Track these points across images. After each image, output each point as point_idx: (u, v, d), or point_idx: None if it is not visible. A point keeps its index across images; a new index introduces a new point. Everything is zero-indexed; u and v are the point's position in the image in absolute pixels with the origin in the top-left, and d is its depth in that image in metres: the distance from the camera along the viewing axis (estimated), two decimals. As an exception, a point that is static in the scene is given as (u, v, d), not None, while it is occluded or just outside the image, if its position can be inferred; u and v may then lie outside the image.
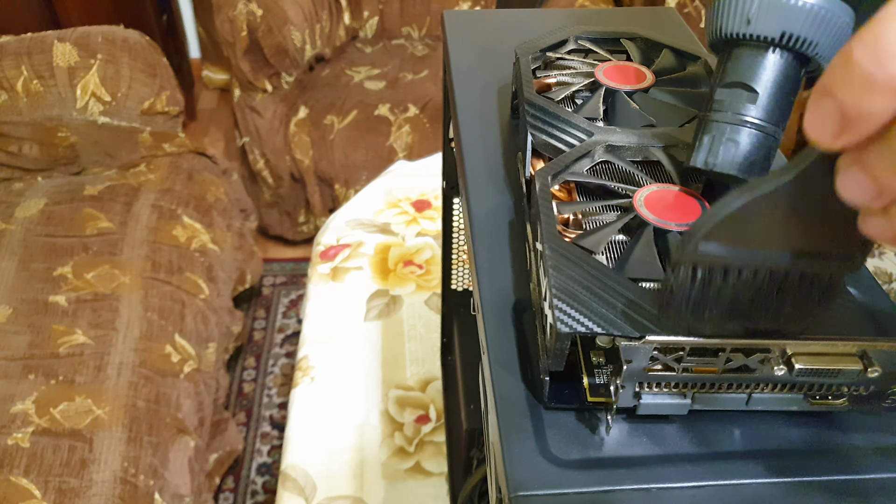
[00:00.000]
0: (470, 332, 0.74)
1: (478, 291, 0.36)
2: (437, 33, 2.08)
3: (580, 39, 0.47)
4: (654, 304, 0.28)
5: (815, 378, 0.29)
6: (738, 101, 0.32)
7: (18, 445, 1.04)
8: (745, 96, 0.31)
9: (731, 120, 0.32)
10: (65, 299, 1.24)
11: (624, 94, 0.41)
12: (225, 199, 1.60)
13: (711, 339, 0.28)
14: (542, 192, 0.34)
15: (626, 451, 0.29)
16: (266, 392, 1.67)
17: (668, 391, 0.29)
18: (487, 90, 0.50)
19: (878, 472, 0.29)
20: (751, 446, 0.29)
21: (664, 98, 0.41)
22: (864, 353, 0.28)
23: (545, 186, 0.35)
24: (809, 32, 0.30)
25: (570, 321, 0.28)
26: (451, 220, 0.71)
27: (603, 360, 0.32)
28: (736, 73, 0.32)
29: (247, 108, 1.82)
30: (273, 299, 1.88)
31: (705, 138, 0.32)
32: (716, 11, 0.31)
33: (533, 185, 0.35)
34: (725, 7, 0.31)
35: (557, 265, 0.30)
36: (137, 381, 1.14)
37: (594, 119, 0.40)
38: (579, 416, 0.30)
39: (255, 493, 1.48)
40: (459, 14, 0.59)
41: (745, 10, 0.30)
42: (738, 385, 0.29)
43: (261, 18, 1.71)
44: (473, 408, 0.65)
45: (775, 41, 0.31)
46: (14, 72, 1.45)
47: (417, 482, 0.80)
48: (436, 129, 1.76)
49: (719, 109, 0.32)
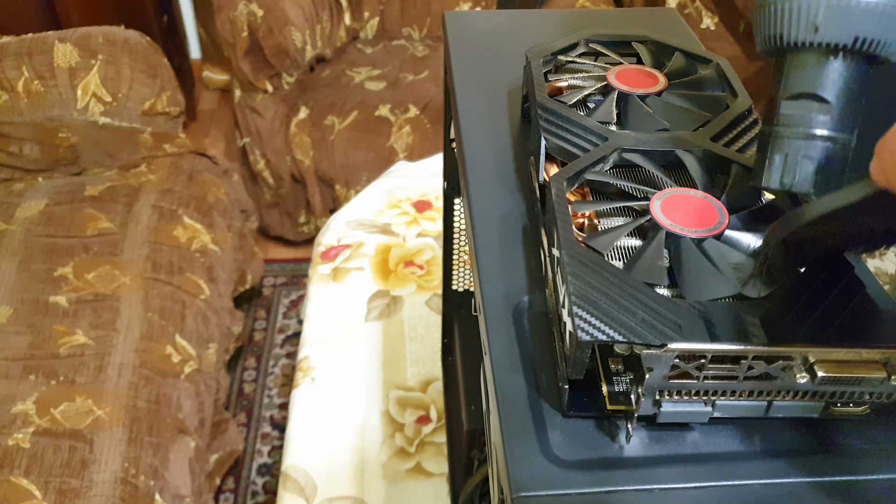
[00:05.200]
0: (471, 332, 0.74)
1: (479, 292, 0.36)
2: (437, 34, 2.08)
3: (591, 42, 0.47)
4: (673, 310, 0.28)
5: (838, 386, 0.28)
6: (809, 113, 0.29)
7: (19, 446, 1.04)
8: (815, 108, 0.29)
9: (803, 136, 0.29)
10: (65, 300, 1.24)
11: (637, 97, 0.41)
12: (225, 199, 1.60)
13: (732, 346, 0.27)
14: (558, 198, 0.34)
15: (627, 452, 0.29)
16: (266, 392, 1.67)
17: (689, 399, 0.29)
18: (489, 91, 0.50)
19: (879, 473, 0.29)
20: (752, 447, 0.29)
21: (677, 102, 0.41)
22: (888, 360, 0.28)
23: (561, 191, 0.34)
24: (882, 33, 0.28)
25: (590, 329, 0.28)
26: (452, 221, 0.71)
27: (622, 367, 0.31)
28: (803, 83, 0.29)
29: (247, 108, 1.82)
30: (274, 300, 1.88)
31: (776, 157, 0.30)
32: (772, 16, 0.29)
33: (548, 189, 0.35)
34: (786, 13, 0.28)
35: (576, 272, 0.30)
36: (138, 381, 1.14)
37: (607, 123, 0.40)
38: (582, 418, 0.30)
39: (255, 494, 1.48)
40: (460, 15, 0.59)
41: (812, 15, 0.28)
42: (759, 393, 0.29)
43: (261, 19, 1.71)
44: (474, 408, 0.65)
45: (847, 47, 0.28)
46: (15, 72, 1.45)
47: (418, 483, 0.80)
48: (436, 130, 1.76)
49: (788, 125, 0.30)
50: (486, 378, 0.35)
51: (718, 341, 0.28)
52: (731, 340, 0.28)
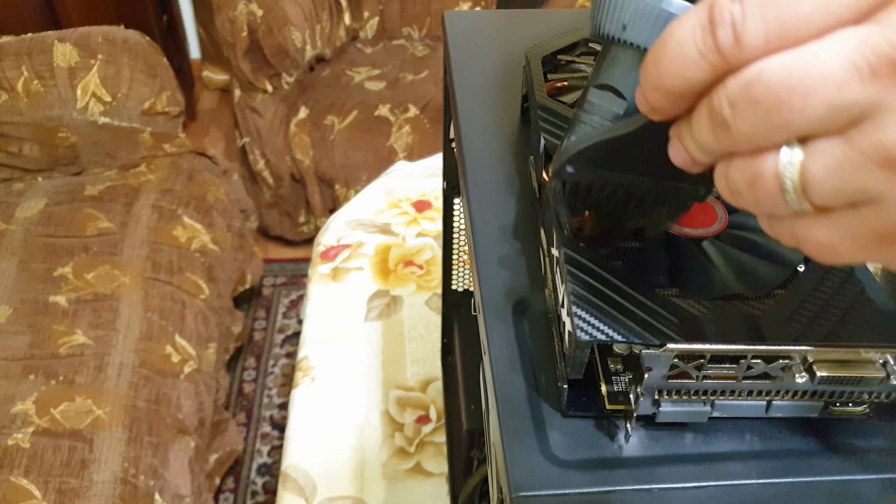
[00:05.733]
0: (470, 332, 0.74)
1: (479, 291, 0.36)
2: (437, 34, 2.08)
3: (591, 42, 0.47)
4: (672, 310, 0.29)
5: (837, 386, 0.28)
6: (609, 105, 0.31)
7: (19, 446, 1.04)
8: (615, 101, 0.30)
9: (597, 124, 0.31)
10: (65, 299, 1.24)
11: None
12: (225, 199, 1.60)
13: (731, 346, 0.27)
14: (557, 197, 0.34)
15: (627, 452, 0.29)
16: (266, 392, 1.67)
17: (688, 398, 0.29)
18: (488, 90, 0.50)
19: (879, 473, 0.29)
20: (751, 447, 0.29)
21: None
22: (888, 360, 0.28)
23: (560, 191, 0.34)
24: None
25: (589, 329, 0.28)
26: (451, 221, 0.71)
27: (621, 367, 0.31)
28: (609, 76, 0.31)
29: (247, 108, 1.82)
30: (273, 300, 1.88)
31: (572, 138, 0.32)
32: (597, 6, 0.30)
33: (547, 189, 0.35)
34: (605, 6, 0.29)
35: (575, 271, 0.30)
36: (138, 381, 1.14)
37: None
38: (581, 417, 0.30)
39: (255, 494, 1.48)
40: (460, 14, 0.59)
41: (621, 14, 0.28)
42: (758, 392, 0.29)
43: (261, 19, 1.71)
44: (474, 408, 0.65)
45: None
46: (14, 72, 1.45)
47: (418, 482, 0.80)
48: (436, 130, 1.76)
49: (590, 111, 0.31)
50: (485, 378, 0.35)
51: (717, 341, 0.28)
52: (730, 340, 0.28)
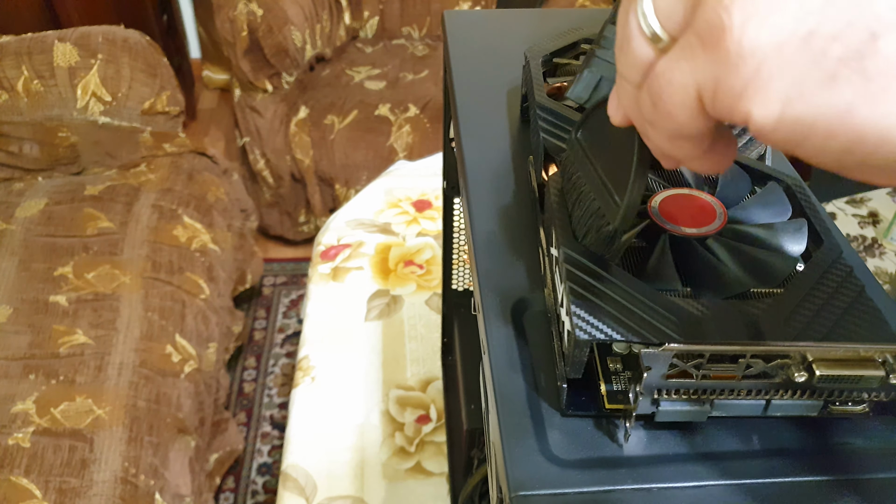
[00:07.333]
0: (470, 332, 0.74)
1: (479, 291, 0.36)
2: (437, 33, 2.08)
3: (590, 42, 0.47)
4: (671, 309, 0.28)
5: (836, 385, 0.28)
6: None
7: (19, 445, 1.04)
8: None
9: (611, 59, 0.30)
10: (65, 299, 1.24)
11: None
12: (225, 199, 1.60)
13: (731, 345, 0.27)
14: (556, 197, 0.34)
15: (626, 451, 0.29)
16: (266, 392, 1.67)
17: (687, 398, 0.29)
18: (488, 90, 0.50)
19: (878, 472, 0.29)
20: (751, 446, 0.29)
21: None
22: (887, 359, 0.28)
23: (560, 191, 0.34)
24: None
25: (588, 328, 0.28)
26: (451, 220, 0.71)
27: (620, 366, 0.31)
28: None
29: (247, 108, 1.82)
30: (273, 299, 1.88)
31: (586, 72, 0.31)
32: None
33: (547, 189, 0.35)
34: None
35: (574, 271, 0.30)
36: (138, 381, 1.14)
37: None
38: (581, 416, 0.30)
39: (255, 493, 1.48)
40: (460, 14, 0.59)
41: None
42: (757, 391, 0.29)
43: (261, 18, 1.71)
44: (474, 408, 0.65)
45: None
46: (14, 72, 1.45)
47: (418, 482, 0.80)
48: (436, 129, 1.76)
49: (605, 47, 0.31)
50: (485, 377, 0.35)
51: (716, 340, 0.28)
52: (729, 339, 0.28)
